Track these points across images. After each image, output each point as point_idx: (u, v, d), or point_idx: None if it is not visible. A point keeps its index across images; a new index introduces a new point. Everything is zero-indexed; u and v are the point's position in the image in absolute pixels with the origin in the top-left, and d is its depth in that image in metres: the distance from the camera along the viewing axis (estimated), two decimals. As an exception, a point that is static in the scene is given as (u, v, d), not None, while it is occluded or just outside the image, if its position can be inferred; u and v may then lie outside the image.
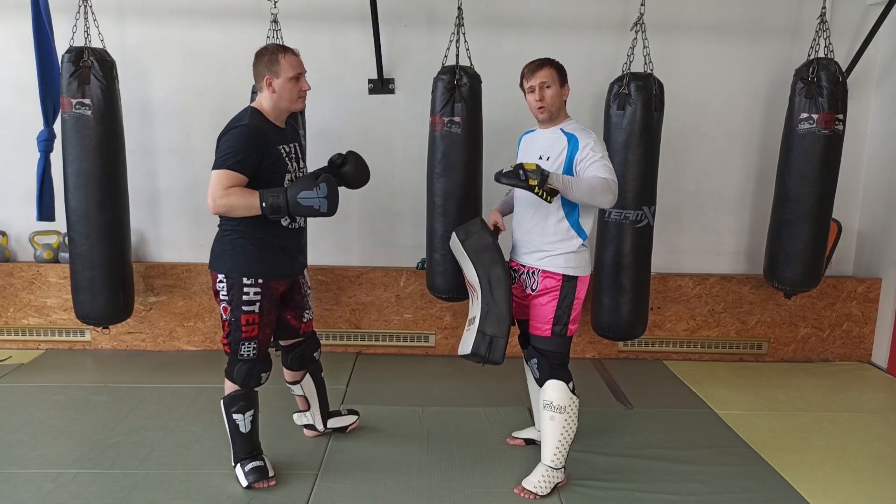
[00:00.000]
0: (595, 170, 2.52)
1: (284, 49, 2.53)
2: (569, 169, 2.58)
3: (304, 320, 2.84)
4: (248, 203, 2.39)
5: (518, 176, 2.40)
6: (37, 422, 3.22)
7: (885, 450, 3.15)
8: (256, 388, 2.66)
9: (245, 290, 2.51)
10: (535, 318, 2.70)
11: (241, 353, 2.56)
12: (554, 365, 2.68)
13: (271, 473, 2.68)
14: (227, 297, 2.53)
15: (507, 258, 2.87)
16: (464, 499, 2.65)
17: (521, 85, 2.71)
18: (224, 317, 2.56)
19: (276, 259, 2.56)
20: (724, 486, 2.77)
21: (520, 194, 2.75)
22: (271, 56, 2.50)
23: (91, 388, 3.63)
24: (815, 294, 4.20)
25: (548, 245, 2.64)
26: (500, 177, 2.46)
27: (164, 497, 2.60)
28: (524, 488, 2.67)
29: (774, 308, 4.28)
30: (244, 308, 2.52)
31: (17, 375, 3.82)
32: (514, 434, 3.14)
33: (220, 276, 2.54)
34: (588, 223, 2.67)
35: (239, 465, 2.68)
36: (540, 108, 2.64)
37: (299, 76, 2.52)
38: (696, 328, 4.31)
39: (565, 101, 2.70)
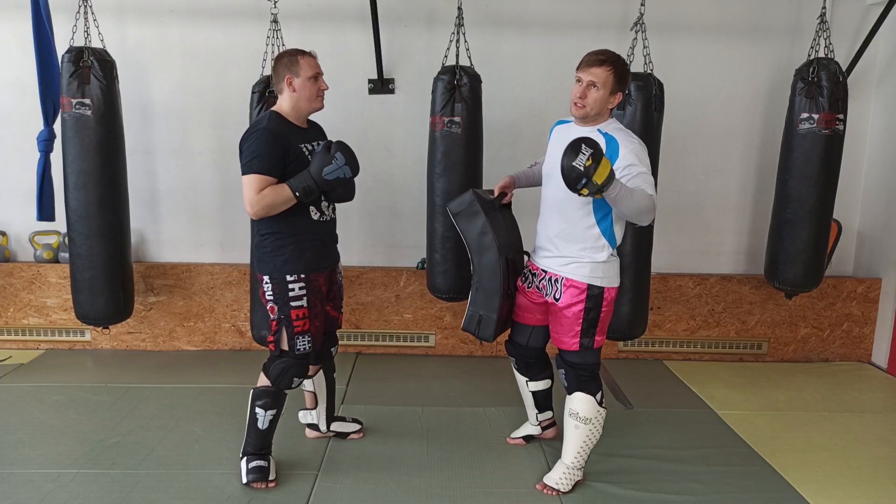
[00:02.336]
0: (641, 183, 2.34)
1: (302, 51, 2.63)
2: None
3: (341, 311, 2.92)
4: (284, 196, 2.49)
5: (574, 185, 2.20)
6: (37, 422, 3.22)
7: (885, 450, 3.15)
8: (286, 392, 2.69)
9: (290, 286, 2.58)
10: (560, 331, 2.63)
11: (298, 347, 2.62)
12: (582, 376, 2.65)
13: (272, 476, 2.69)
14: (272, 297, 2.61)
15: (524, 255, 2.84)
16: (464, 499, 2.65)
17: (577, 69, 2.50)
18: (272, 316, 2.63)
19: (314, 253, 2.63)
20: (724, 486, 2.77)
21: (544, 195, 2.64)
22: (290, 57, 2.60)
23: (91, 388, 3.63)
24: (815, 294, 4.20)
25: (575, 252, 2.53)
26: (566, 170, 2.19)
27: (164, 497, 2.60)
28: (546, 485, 2.69)
29: (774, 308, 4.28)
30: (293, 304, 2.59)
31: (17, 375, 3.81)
32: (513, 434, 3.14)
33: (266, 278, 2.62)
34: (620, 230, 2.54)
35: (245, 459, 2.69)
36: (577, 105, 2.46)
37: (317, 76, 2.61)
38: (696, 328, 4.31)
39: (611, 109, 2.52)
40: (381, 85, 4.14)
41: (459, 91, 3.57)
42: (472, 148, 3.64)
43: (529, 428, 3.10)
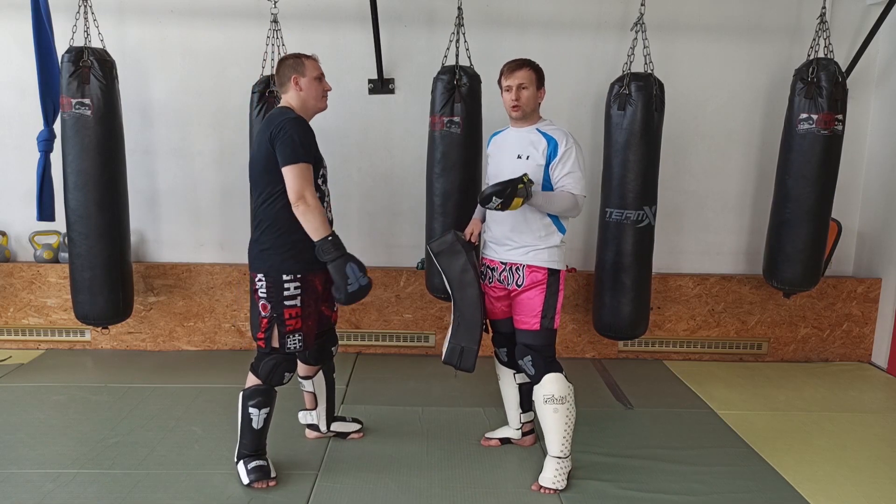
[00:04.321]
0: (568, 184, 2.67)
1: (306, 54, 2.69)
2: (548, 168, 2.69)
3: (335, 309, 2.91)
4: (321, 227, 2.51)
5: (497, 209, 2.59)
6: (37, 422, 3.22)
7: (884, 450, 3.15)
8: (276, 388, 2.69)
9: (286, 286, 2.57)
10: (523, 313, 2.75)
11: (289, 346, 2.62)
12: (547, 358, 2.73)
13: (273, 474, 2.69)
14: (265, 295, 2.60)
15: (480, 256, 2.92)
16: (464, 499, 2.65)
17: (499, 82, 2.77)
18: (263, 314, 2.62)
19: (311, 255, 2.59)
20: (724, 486, 2.77)
21: None
22: (295, 59, 2.66)
23: (91, 388, 3.63)
24: (815, 294, 4.21)
25: (533, 240, 2.72)
26: (486, 206, 2.60)
27: (164, 497, 2.60)
28: (542, 486, 2.69)
29: (774, 308, 4.28)
30: (286, 303, 2.58)
31: (17, 375, 3.81)
32: (489, 434, 3.13)
33: (259, 276, 2.61)
34: (566, 219, 2.78)
35: (242, 462, 2.69)
36: (514, 107, 2.70)
37: (321, 77, 2.67)
38: (696, 328, 4.31)
39: (540, 103, 2.77)
40: (381, 85, 4.14)
41: (459, 91, 3.57)
42: (471, 148, 3.64)
43: (509, 431, 3.10)
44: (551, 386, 2.67)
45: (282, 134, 2.49)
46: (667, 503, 2.64)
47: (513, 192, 2.53)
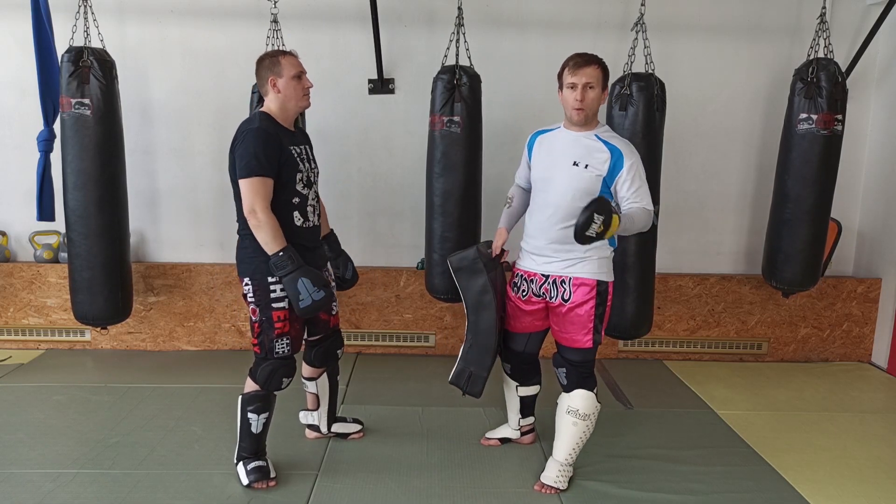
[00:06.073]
0: (640, 199, 2.52)
1: (283, 51, 2.62)
2: (608, 181, 2.53)
3: (333, 313, 2.88)
4: (271, 242, 2.48)
5: (585, 243, 2.40)
6: (37, 422, 3.22)
7: (885, 450, 3.15)
8: (276, 392, 2.67)
9: (271, 288, 2.56)
10: (572, 331, 2.63)
11: (277, 350, 2.60)
12: (583, 374, 2.67)
13: (272, 475, 2.69)
14: (254, 299, 2.59)
15: (513, 266, 2.83)
16: (464, 499, 2.65)
17: (560, 76, 2.55)
18: (254, 318, 2.61)
19: None
20: (724, 486, 2.77)
21: (540, 201, 2.64)
22: (271, 59, 2.58)
23: (91, 388, 3.63)
24: (815, 294, 4.21)
25: (581, 252, 2.55)
26: (583, 241, 2.39)
27: (164, 497, 2.60)
28: (544, 484, 2.70)
29: (774, 308, 4.28)
30: (274, 306, 2.57)
31: (17, 375, 3.82)
32: (489, 434, 3.12)
33: (246, 280, 2.62)
34: None
35: (241, 463, 2.69)
36: (578, 109, 2.50)
37: (301, 74, 2.60)
38: (696, 328, 4.31)
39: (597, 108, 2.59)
40: (381, 85, 4.14)
41: (459, 91, 3.56)
42: (472, 147, 3.64)
43: (508, 431, 3.10)
44: (579, 401, 2.64)
45: (240, 146, 2.49)
46: (667, 503, 2.64)
47: (611, 215, 2.32)
